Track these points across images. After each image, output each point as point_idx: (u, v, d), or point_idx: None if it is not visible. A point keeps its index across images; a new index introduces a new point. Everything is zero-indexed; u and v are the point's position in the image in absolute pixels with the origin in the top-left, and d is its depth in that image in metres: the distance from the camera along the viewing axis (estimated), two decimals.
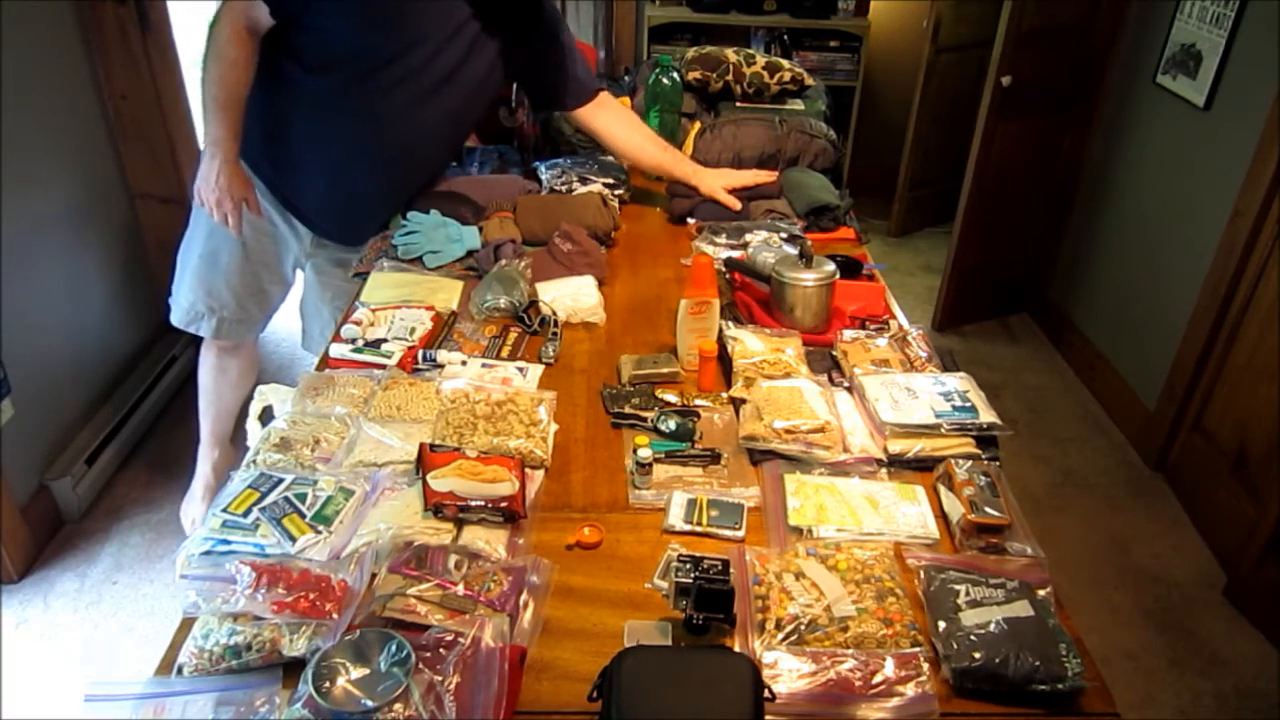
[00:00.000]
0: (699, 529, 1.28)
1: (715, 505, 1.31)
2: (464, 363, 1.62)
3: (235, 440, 2.44)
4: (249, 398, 1.55)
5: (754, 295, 1.84)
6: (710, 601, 1.08)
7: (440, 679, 1.00)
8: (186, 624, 1.10)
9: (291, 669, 1.04)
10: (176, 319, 2.16)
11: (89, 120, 2.68)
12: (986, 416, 1.44)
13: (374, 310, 1.75)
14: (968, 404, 1.46)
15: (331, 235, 2.14)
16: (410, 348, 1.63)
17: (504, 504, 1.25)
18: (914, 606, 1.15)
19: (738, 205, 2.18)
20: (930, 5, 3.89)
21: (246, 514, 1.22)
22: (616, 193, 2.28)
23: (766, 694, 0.95)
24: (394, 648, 1.02)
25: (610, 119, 2.19)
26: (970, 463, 1.34)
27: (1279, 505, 2.31)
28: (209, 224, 2.03)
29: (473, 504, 1.24)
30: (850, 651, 1.08)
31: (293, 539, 1.19)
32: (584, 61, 2.16)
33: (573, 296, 1.82)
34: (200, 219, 2.06)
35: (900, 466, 1.41)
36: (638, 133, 2.22)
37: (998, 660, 1.05)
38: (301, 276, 2.28)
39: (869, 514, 1.30)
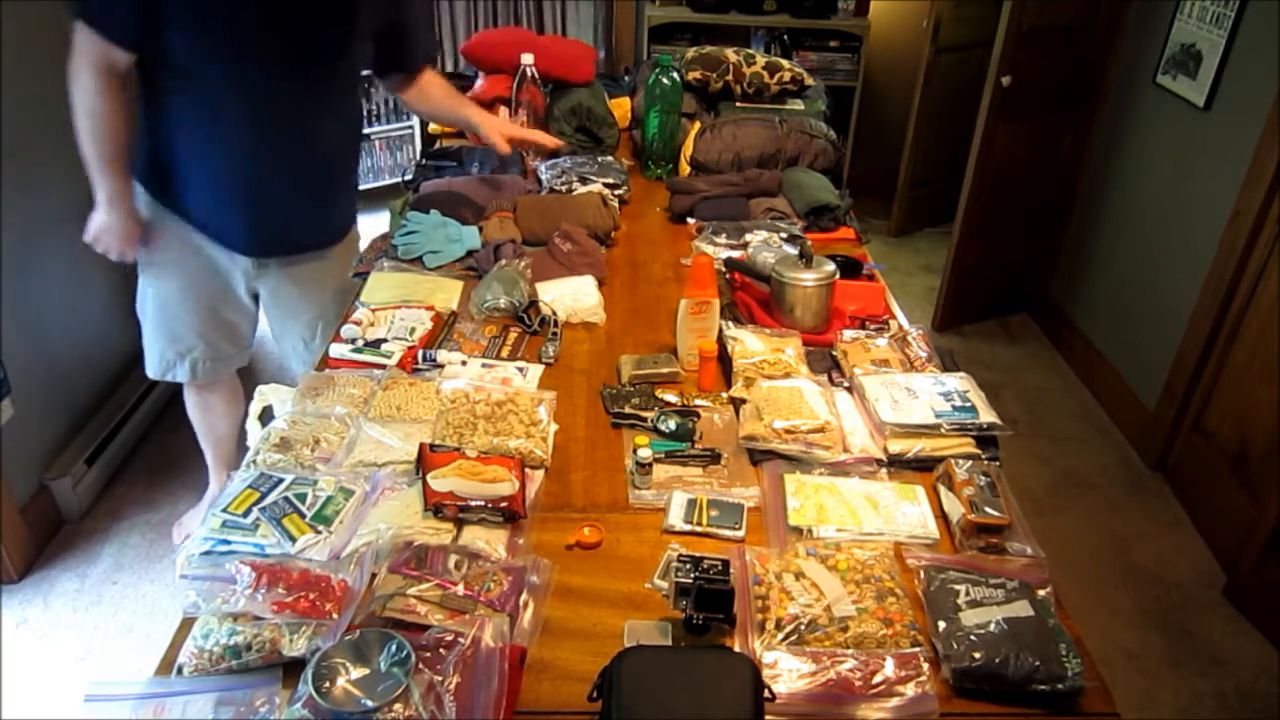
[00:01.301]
0: (699, 529, 1.28)
1: (715, 505, 1.31)
2: (464, 363, 1.62)
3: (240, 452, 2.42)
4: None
5: (754, 295, 1.84)
6: (710, 601, 1.08)
7: (440, 679, 1.00)
8: (186, 624, 1.10)
9: (291, 669, 1.04)
10: (151, 371, 2.12)
11: None
12: (986, 416, 1.44)
13: (374, 310, 1.75)
14: (968, 404, 1.46)
15: (260, 250, 1.99)
16: (410, 348, 1.63)
17: (504, 504, 1.25)
18: (914, 606, 1.15)
19: (508, 149, 2.18)
20: (930, 5, 3.90)
21: (246, 514, 1.22)
22: (616, 192, 2.29)
23: (766, 694, 0.95)
24: (394, 648, 1.02)
25: (418, 93, 2.13)
26: (970, 463, 1.34)
27: (1279, 505, 2.31)
28: (150, 272, 2.00)
29: (473, 504, 1.24)
30: (850, 651, 1.08)
31: (293, 539, 1.19)
32: (427, 26, 2.12)
33: (573, 296, 1.82)
34: (144, 271, 2.01)
35: (900, 466, 1.41)
36: (438, 89, 2.17)
37: (998, 660, 1.05)
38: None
39: (869, 514, 1.30)
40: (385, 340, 1.66)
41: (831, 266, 1.73)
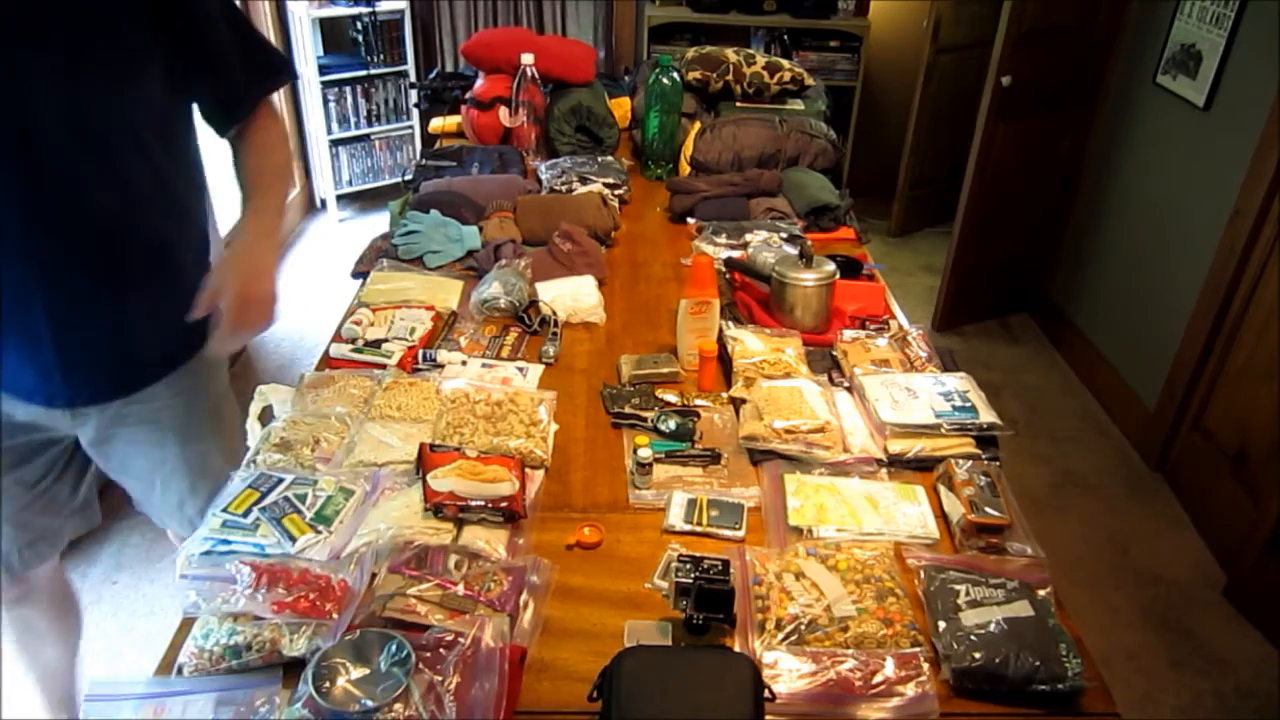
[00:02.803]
0: (699, 529, 1.28)
1: (715, 505, 1.31)
2: (464, 363, 1.62)
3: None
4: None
5: (754, 295, 1.84)
6: (710, 601, 1.08)
7: (440, 679, 1.00)
8: (186, 624, 1.10)
9: (291, 669, 1.04)
10: None
11: None
12: (986, 416, 1.44)
13: (374, 310, 1.75)
14: (968, 404, 1.46)
15: (67, 399, 1.40)
16: (410, 348, 1.63)
17: (504, 504, 1.25)
18: (914, 606, 1.15)
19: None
20: (930, 5, 3.90)
21: (246, 514, 1.22)
22: (616, 192, 2.29)
23: (766, 694, 0.95)
24: (394, 648, 1.02)
25: (254, 149, 1.48)
26: (970, 463, 1.34)
27: (1279, 505, 2.31)
28: None
29: (473, 504, 1.24)
30: (850, 651, 1.08)
31: (293, 539, 1.19)
32: (257, 54, 1.46)
33: (573, 296, 1.82)
34: None
35: (900, 466, 1.41)
36: (260, 150, 1.49)
37: (998, 660, 1.05)
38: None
39: (869, 514, 1.30)
40: (385, 340, 1.66)
41: (831, 266, 1.74)
